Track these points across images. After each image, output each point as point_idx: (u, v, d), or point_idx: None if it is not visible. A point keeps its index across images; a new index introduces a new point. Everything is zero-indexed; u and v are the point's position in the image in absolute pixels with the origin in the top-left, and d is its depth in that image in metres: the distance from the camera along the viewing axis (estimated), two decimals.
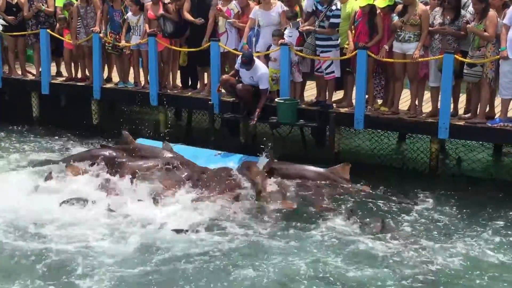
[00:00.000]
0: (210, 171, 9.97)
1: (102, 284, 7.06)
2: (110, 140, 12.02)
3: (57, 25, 13.30)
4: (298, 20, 10.98)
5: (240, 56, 10.83)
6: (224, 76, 11.27)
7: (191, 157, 10.69)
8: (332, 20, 10.65)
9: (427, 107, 10.82)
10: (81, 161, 10.55)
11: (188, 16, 11.97)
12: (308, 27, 10.88)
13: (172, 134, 12.05)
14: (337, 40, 10.83)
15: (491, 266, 7.53)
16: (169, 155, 10.51)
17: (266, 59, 11.30)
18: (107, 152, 10.64)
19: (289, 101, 10.95)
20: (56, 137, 12.69)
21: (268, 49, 11.31)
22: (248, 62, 10.62)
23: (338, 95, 11.56)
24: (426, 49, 10.30)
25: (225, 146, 11.15)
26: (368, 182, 9.99)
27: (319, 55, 10.91)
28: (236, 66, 11.12)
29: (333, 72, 10.88)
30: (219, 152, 10.92)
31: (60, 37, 13.21)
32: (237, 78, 11.23)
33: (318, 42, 10.83)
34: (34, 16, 13.37)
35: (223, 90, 11.34)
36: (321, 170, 10.10)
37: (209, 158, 10.71)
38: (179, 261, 7.56)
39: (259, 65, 10.84)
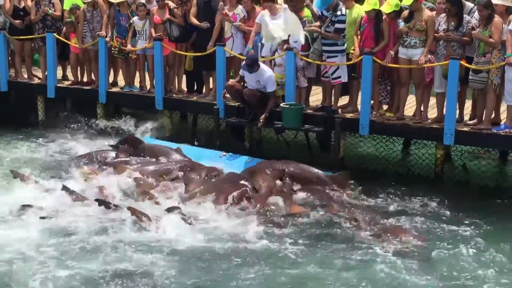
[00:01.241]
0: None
1: None
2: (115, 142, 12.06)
3: (64, 29, 13.35)
4: (304, 19, 10.95)
5: (245, 59, 10.85)
6: (230, 82, 11.30)
7: (195, 158, 10.76)
8: (337, 25, 10.67)
9: (432, 113, 10.81)
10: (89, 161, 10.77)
11: (194, 21, 12.00)
12: (313, 28, 10.87)
13: (177, 137, 12.09)
14: (343, 45, 10.84)
15: (497, 274, 7.47)
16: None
17: (272, 64, 11.31)
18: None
19: (295, 106, 10.95)
20: (62, 141, 12.69)
21: (273, 54, 11.33)
22: (251, 65, 10.63)
23: (344, 100, 11.57)
24: (433, 54, 10.30)
25: (230, 151, 11.13)
26: (372, 188, 9.97)
27: (325, 61, 10.92)
28: (241, 72, 11.14)
29: (339, 77, 10.88)
30: (224, 153, 10.94)
31: (67, 41, 13.27)
32: (242, 84, 11.26)
33: (324, 48, 10.85)
34: (41, 20, 13.43)
35: (228, 95, 11.36)
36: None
37: (214, 159, 10.74)
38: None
39: (265, 68, 10.86)
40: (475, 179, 10.81)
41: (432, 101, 10.86)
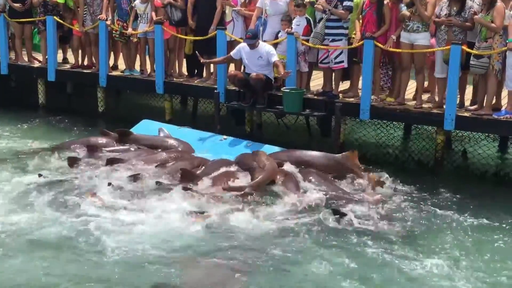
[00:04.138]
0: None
1: None
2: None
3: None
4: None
5: (246, 33, 10.94)
6: (232, 72, 11.31)
7: (196, 141, 10.77)
8: (345, 3, 10.62)
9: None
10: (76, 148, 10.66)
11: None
12: (322, 3, 10.69)
13: (177, 121, 12.08)
14: (347, 29, 10.80)
15: (496, 260, 7.49)
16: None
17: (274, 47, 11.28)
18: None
19: (295, 90, 10.94)
20: (62, 124, 12.71)
21: (276, 35, 11.31)
22: (252, 37, 10.64)
23: (344, 85, 11.55)
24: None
25: (230, 135, 11.11)
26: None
27: (328, 45, 10.87)
28: (232, 53, 11.08)
29: (342, 61, 10.85)
30: (225, 136, 10.93)
31: (70, 26, 13.23)
32: (242, 71, 11.25)
33: (328, 31, 10.76)
34: (42, 5, 13.38)
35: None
36: (331, 156, 10.00)
37: (214, 143, 10.75)
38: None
39: (262, 43, 10.90)
40: (475, 164, 10.81)
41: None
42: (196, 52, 11.57)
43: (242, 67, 11.61)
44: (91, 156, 10.29)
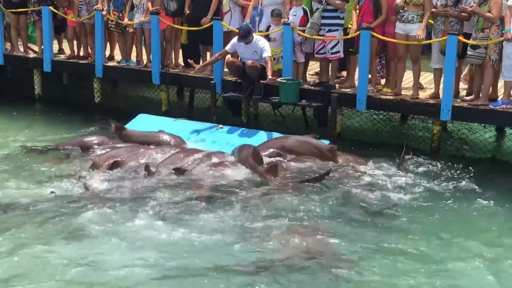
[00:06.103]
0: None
1: None
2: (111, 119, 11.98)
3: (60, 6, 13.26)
4: None
5: (238, 31, 10.83)
6: (230, 59, 11.26)
7: (192, 132, 10.74)
8: None
9: (429, 90, 10.79)
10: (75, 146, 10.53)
11: None
12: None
13: (174, 112, 12.05)
14: (343, 19, 10.78)
15: (494, 245, 7.52)
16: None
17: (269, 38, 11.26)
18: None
19: (292, 81, 10.92)
20: (58, 115, 12.67)
21: (267, 29, 11.28)
22: (245, 35, 10.57)
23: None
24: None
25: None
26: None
27: (324, 35, 10.84)
28: (229, 48, 11.01)
29: (338, 52, 10.83)
30: (221, 126, 10.90)
31: (64, 16, 13.18)
32: (239, 59, 11.23)
33: (324, 21, 10.74)
34: None
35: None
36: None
37: (210, 132, 10.74)
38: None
39: (257, 37, 10.83)
40: (472, 153, 10.82)
41: (430, 76, 10.84)
42: (189, 60, 11.53)
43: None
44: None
